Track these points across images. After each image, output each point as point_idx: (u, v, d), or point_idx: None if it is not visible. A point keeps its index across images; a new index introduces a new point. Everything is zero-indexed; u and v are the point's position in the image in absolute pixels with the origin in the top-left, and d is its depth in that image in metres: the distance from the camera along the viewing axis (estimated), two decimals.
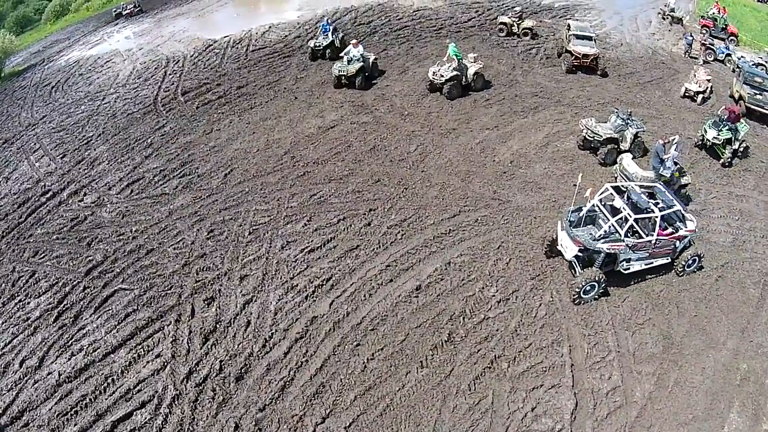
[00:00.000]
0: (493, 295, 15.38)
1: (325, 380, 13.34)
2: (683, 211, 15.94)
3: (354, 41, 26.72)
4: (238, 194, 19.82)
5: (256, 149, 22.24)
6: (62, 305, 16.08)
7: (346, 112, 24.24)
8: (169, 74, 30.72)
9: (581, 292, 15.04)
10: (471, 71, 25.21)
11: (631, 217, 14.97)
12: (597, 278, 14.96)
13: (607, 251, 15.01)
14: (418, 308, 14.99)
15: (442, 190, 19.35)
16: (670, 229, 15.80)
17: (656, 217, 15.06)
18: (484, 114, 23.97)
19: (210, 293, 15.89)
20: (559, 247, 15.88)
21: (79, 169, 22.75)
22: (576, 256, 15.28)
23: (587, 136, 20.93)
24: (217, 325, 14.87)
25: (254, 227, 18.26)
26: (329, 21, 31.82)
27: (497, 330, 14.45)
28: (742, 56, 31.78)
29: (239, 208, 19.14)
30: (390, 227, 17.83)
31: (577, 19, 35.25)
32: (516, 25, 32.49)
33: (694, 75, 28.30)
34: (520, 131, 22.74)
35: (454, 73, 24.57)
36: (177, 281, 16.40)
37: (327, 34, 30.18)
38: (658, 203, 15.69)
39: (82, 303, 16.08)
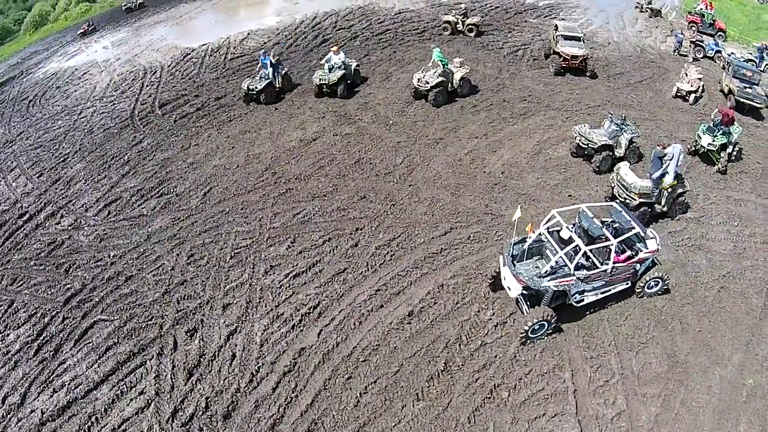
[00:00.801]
0: (490, 319, 14.64)
1: (317, 417, 12.59)
2: (642, 233, 14.57)
3: (335, 48, 25.85)
4: (218, 215, 19.00)
5: (235, 165, 21.37)
6: (42, 337, 15.32)
7: (329, 123, 23.41)
8: (147, 86, 29.83)
9: (528, 332, 13.79)
10: (457, 76, 24.46)
11: (581, 249, 13.51)
12: (546, 317, 13.59)
13: (555, 289, 13.67)
14: (411, 336, 14.23)
15: (432, 206, 18.58)
16: (628, 253, 14.47)
17: (611, 245, 13.70)
18: (472, 121, 23.21)
19: (192, 324, 15.09)
20: (503, 283, 14.51)
21: (56, 189, 21.94)
22: (522, 294, 14.00)
23: (581, 144, 20.24)
24: (201, 359, 14.08)
25: (236, 250, 17.45)
26: (269, 54, 26.77)
27: (495, 356, 13.73)
28: (732, 53, 31.25)
29: (220, 230, 18.31)
30: (378, 247, 17.05)
31: (563, 19, 34.62)
32: (461, 22, 31.95)
33: (686, 74, 27.74)
34: (510, 139, 22.02)
35: (440, 79, 23.80)
36: (158, 311, 15.60)
37: (267, 71, 25.93)
38: (614, 226, 14.50)
39: (61, 335, 15.31)
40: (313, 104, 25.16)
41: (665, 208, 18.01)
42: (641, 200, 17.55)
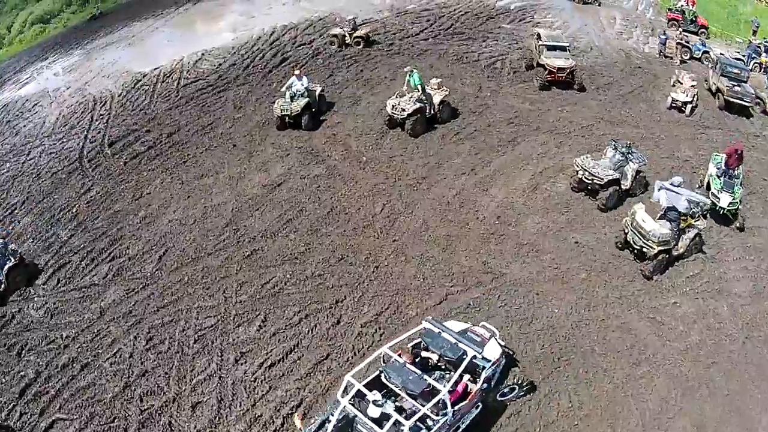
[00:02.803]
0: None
1: None
2: (474, 348, 11.32)
3: (297, 71, 22.86)
4: (176, 285, 16.12)
5: (192, 220, 18.46)
6: None
7: (294, 162, 20.54)
8: (96, 119, 26.54)
9: None
10: (436, 100, 21.80)
11: (404, 425, 9.75)
12: None
13: None
14: None
15: (421, 266, 15.96)
16: (467, 378, 11.43)
17: (444, 395, 10.35)
18: (456, 153, 20.59)
19: (160, 428, 12.51)
20: None
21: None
22: None
23: (584, 179, 17.80)
24: None
25: (200, 332, 14.64)
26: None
27: None
28: (721, 53, 29.27)
29: (180, 305, 15.47)
30: (364, 325, 14.42)
31: (540, 23, 32.26)
32: (348, 35, 29.52)
33: (679, 82, 25.71)
34: (502, 173, 19.50)
35: (417, 105, 21.07)
36: (120, 410, 12.97)
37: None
38: (444, 361, 11.47)
39: None
40: (276, 138, 22.22)
41: (682, 250, 16.08)
42: (660, 249, 15.42)
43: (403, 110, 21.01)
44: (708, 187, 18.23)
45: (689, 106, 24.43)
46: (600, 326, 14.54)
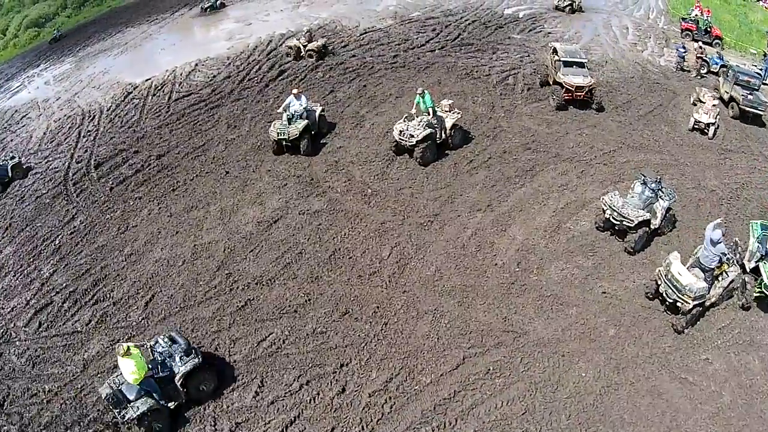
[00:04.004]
0: None
1: None
2: None
3: (295, 90, 21.09)
4: None
5: (181, 260, 16.76)
6: None
7: (292, 194, 18.85)
8: (84, 136, 24.99)
9: None
10: (448, 124, 20.08)
11: None
12: None
13: None
14: None
15: (435, 323, 14.33)
16: None
17: None
18: (470, 185, 18.93)
19: None
20: None
21: None
22: None
23: (613, 219, 16.18)
24: None
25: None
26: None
27: None
28: (736, 65, 27.70)
29: None
30: (372, 394, 12.81)
31: (552, 34, 30.56)
32: (303, 47, 28.24)
33: (700, 100, 24.20)
34: (521, 209, 17.85)
35: (427, 131, 19.36)
36: None
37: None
38: None
39: None
40: (272, 164, 20.51)
41: (714, 299, 14.66)
42: (695, 303, 13.93)
43: (412, 136, 19.29)
44: (755, 271, 15.56)
45: (712, 128, 22.91)
46: (630, 390, 13.09)
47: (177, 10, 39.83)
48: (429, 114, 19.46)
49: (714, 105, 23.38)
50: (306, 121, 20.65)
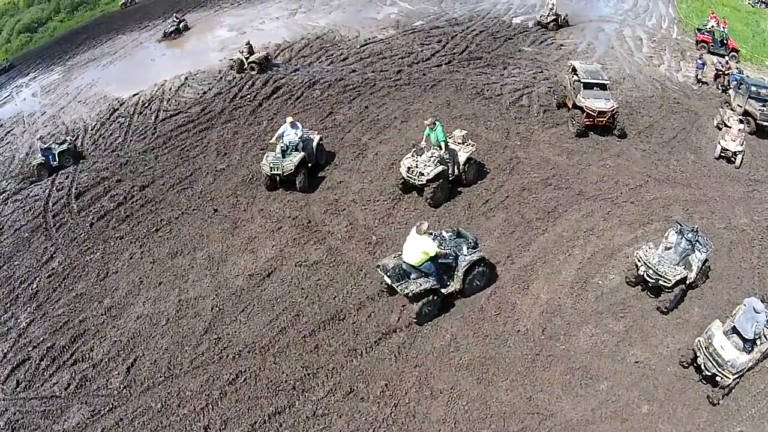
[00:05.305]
0: None
1: None
2: None
3: (290, 118, 19.18)
4: (148, 411, 12.72)
5: (165, 319, 15.00)
6: None
7: (287, 240, 17.02)
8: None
9: None
10: (462, 159, 18.21)
11: None
12: None
13: None
14: None
15: (452, 404, 12.59)
16: None
17: None
18: (487, 231, 17.09)
19: None
20: None
21: None
22: None
23: (648, 277, 14.42)
24: None
25: None
26: (48, 143, 22.83)
27: None
28: (748, 77, 26.05)
29: None
30: None
31: (564, 47, 28.73)
32: (245, 59, 27.04)
33: (725, 123, 22.63)
34: (544, 261, 16.05)
35: (439, 168, 17.49)
36: None
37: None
38: None
39: None
40: (265, 203, 18.68)
41: (751, 364, 13.15)
42: (736, 377, 12.53)
43: (422, 174, 17.41)
44: None
45: (739, 157, 21.23)
46: None
47: (169, 17, 37.77)
48: (441, 148, 17.59)
49: (740, 129, 21.73)
50: (302, 153, 18.81)
